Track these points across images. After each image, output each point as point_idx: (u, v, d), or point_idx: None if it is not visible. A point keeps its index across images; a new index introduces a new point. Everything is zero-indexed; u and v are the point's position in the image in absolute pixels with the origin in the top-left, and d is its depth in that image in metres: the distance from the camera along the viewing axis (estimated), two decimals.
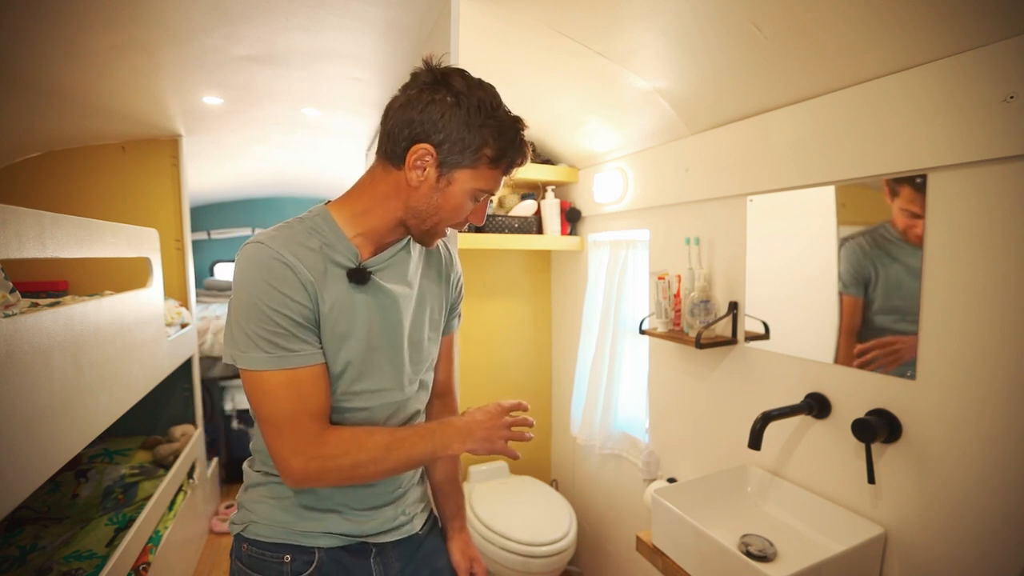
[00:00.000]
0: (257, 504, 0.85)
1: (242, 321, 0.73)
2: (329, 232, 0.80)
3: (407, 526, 0.92)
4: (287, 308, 0.73)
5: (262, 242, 0.75)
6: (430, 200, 0.79)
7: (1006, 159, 0.84)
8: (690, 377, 1.59)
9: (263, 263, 0.73)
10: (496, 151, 0.76)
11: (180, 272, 2.52)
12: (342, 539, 0.85)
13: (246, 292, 0.73)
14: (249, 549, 0.84)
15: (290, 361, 0.74)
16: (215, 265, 4.27)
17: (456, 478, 1.06)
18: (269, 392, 0.74)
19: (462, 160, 0.76)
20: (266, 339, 0.73)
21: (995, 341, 0.87)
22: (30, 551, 1.61)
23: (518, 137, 0.79)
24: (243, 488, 0.89)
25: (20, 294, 1.20)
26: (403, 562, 0.90)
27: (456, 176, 0.77)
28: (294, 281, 0.74)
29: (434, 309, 0.95)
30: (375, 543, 0.88)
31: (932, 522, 0.97)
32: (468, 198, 0.79)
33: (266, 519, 0.84)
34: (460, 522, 1.05)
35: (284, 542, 0.83)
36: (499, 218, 2.01)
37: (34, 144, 2.14)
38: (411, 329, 0.88)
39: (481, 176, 0.78)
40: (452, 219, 0.81)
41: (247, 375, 0.75)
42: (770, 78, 1.19)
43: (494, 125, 0.76)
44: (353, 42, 1.48)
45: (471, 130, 0.74)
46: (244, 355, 0.73)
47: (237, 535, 0.86)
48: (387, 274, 0.85)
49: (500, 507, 1.91)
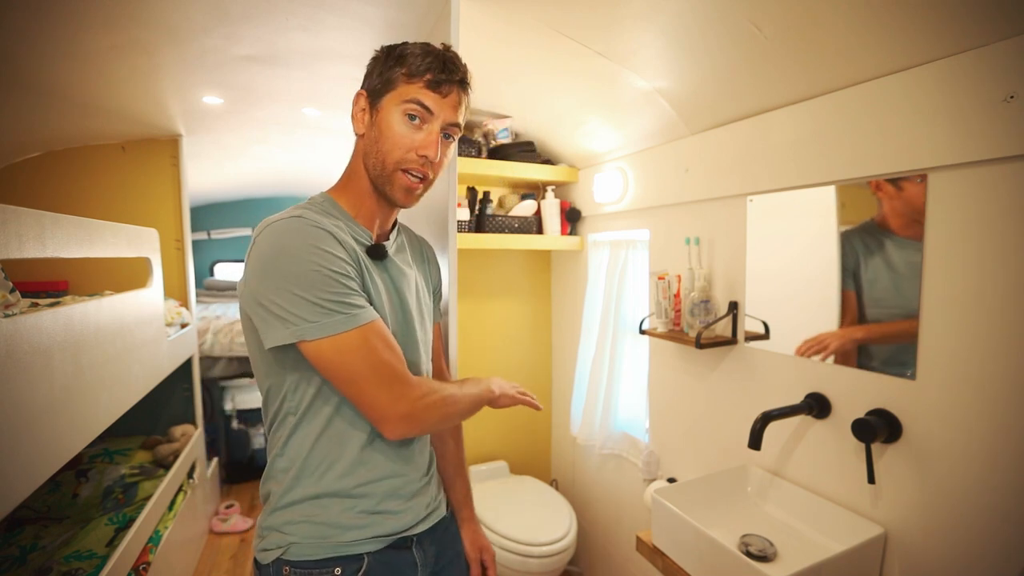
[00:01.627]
0: (295, 525, 0.81)
1: (302, 291, 0.71)
2: (339, 214, 0.84)
3: (436, 511, 0.94)
4: (343, 268, 0.75)
5: (296, 216, 0.76)
6: (372, 137, 0.82)
7: (1006, 159, 0.84)
8: (690, 377, 1.59)
9: (307, 232, 0.74)
10: (411, 68, 0.79)
11: (180, 272, 2.52)
12: (387, 540, 0.84)
13: (295, 262, 0.72)
14: (292, 572, 0.79)
15: (366, 316, 0.76)
16: (215, 265, 4.27)
17: (463, 467, 1.08)
18: (357, 350, 0.74)
19: (384, 86, 0.80)
20: (337, 301, 0.73)
21: (995, 341, 0.87)
22: (30, 551, 1.61)
23: (435, 51, 0.80)
24: (269, 511, 0.83)
25: (20, 294, 1.20)
26: (437, 546, 0.92)
27: (383, 103, 0.81)
28: (338, 245, 0.76)
29: (425, 293, 0.99)
30: (414, 534, 0.88)
31: (932, 522, 0.97)
32: (401, 119, 0.80)
33: (309, 538, 0.80)
34: (469, 511, 1.07)
35: (331, 556, 0.80)
36: (499, 218, 2.01)
37: (34, 144, 2.14)
38: (416, 310, 0.92)
39: (403, 93, 0.79)
40: (395, 149, 0.80)
41: (325, 344, 0.72)
42: (770, 78, 1.19)
43: (409, 50, 0.80)
44: (353, 42, 1.48)
45: (389, 59, 0.81)
46: (316, 324, 0.72)
47: (276, 560, 0.80)
48: (398, 257, 0.90)
49: (500, 507, 1.91)
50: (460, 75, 0.81)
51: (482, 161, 1.94)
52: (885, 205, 1.03)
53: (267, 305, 0.73)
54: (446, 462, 1.07)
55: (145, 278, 1.91)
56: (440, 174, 0.86)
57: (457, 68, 0.81)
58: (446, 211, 1.21)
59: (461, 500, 1.07)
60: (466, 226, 1.94)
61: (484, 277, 2.25)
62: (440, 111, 0.80)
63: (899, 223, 1.01)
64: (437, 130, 0.81)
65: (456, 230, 1.21)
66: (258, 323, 0.75)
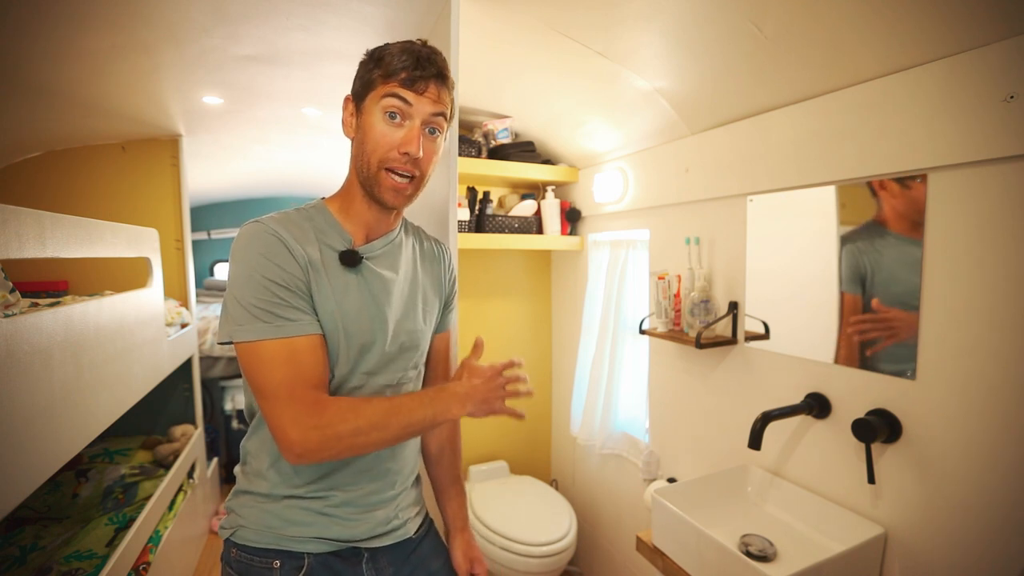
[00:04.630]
0: (246, 509, 0.85)
1: (237, 295, 0.75)
2: (322, 219, 0.85)
3: (400, 530, 0.91)
4: (280, 278, 0.75)
5: (258, 221, 0.78)
6: (358, 140, 0.83)
7: (1006, 159, 0.84)
8: (690, 377, 1.59)
9: (258, 237, 0.77)
10: (387, 68, 0.79)
11: (180, 272, 2.52)
12: (332, 544, 0.84)
13: (242, 266, 0.76)
14: (238, 554, 0.83)
15: (287, 330, 0.75)
16: (215, 265, 4.27)
17: (459, 477, 1.07)
18: (267, 362, 0.74)
19: (364, 89, 0.82)
20: (262, 308, 0.74)
21: (995, 341, 0.87)
22: (30, 551, 1.61)
23: (411, 48, 0.81)
24: (233, 493, 0.89)
25: (20, 294, 1.20)
26: (396, 567, 0.89)
27: (365, 105, 0.82)
28: (286, 254, 0.77)
29: (428, 298, 0.96)
30: (367, 548, 0.87)
31: (932, 522, 0.97)
32: (381, 119, 0.80)
33: (255, 524, 0.83)
34: (462, 521, 1.04)
35: (273, 547, 0.82)
36: (499, 218, 2.01)
37: (34, 144, 2.14)
38: (402, 316, 0.89)
39: (380, 92, 0.80)
40: (378, 149, 0.80)
41: (245, 348, 0.75)
42: (770, 78, 1.19)
43: (387, 50, 0.81)
44: (353, 42, 1.48)
45: (370, 62, 0.82)
46: (241, 328, 0.74)
47: (227, 540, 0.85)
48: (379, 261, 0.88)
49: (500, 507, 1.91)
50: (435, 69, 0.81)
51: (482, 161, 1.94)
52: (886, 205, 1.03)
53: (224, 303, 0.78)
54: (441, 471, 1.05)
55: (145, 278, 1.91)
56: (431, 171, 0.85)
57: (432, 63, 0.80)
58: (446, 211, 1.22)
59: (455, 511, 1.04)
60: (466, 226, 1.94)
61: (484, 277, 2.25)
62: (419, 106, 0.80)
63: (899, 223, 1.01)
64: (417, 126, 0.80)
65: (456, 230, 1.21)
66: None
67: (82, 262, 2.21)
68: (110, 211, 2.31)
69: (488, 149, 2.02)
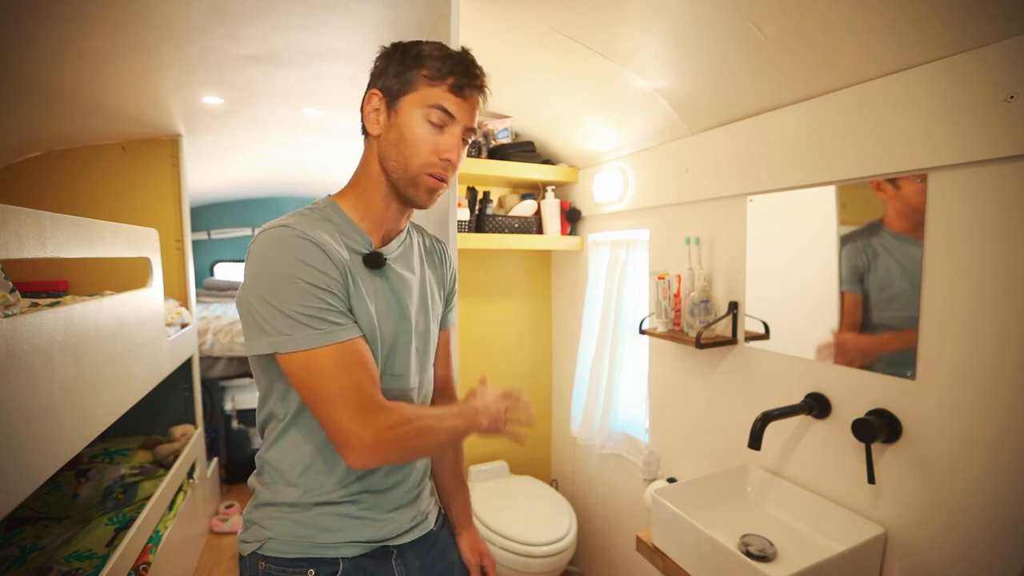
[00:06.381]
0: (272, 520, 0.82)
1: (277, 303, 0.71)
2: (340, 220, 0.82)
3: (423, 524, 0.92)
4: (324, 283, 0.73)
5: (286, 225, 0.74)
6: (391, 139, 0.80)
7: (1006, 159, 0.84)
8: (690, 377, 1.59)
9: (292, 243, 0.73)
10: (432, 70, 0.78)
11: (180, 272, 2.52)
12: (364, 546, 0.83)
13: (279, 273, 0.71)
14: (267, 567, 0.80)
15: (339, 335, 0.73)
16: (215, 265, 4.27)
17: (461, 474, 1.08)
18: (328, 368, 0.71)
19: (403, 88, 0.79)
20: (312, 316, 0.71)
21: (995, 341, 0.87)
22: (30, 551, 1.61)
23: (455, 54, 0.80)
24: (253, 505, 0.85)
25: (20, 294, 1.20)
26: (421, 559, 0.91)
27: (402, 105, 0.79)
28: (325, 258, 0.74)
29: (435, 299, 0.96)
30: (395, 545, 0.87)
31: (932, 522, 0.97)
32: (422, 122, 0.78)
33: (285, 534, 0.81)
34: (467, 518, 1.06)
35: (306, 556, 0.80)
36: (499, 218, 2.01)
37: (34, 144, 2.14)
38: (417, 318, 0.89)
39: (425, 96, 0.78)
40: (419, 153, 0.79)
41: (296, 358, 0.71)
42: (770, 78, 1.19)
43: (427, 51, 0.79)
44: (353, 42, 1.48)
45: (406, 59, 0.79)
46: (289, 337, 0.71)
47: (252, 553, 0.81)
48: (398, 262, 0.87)
49: (500, 507, 1.91)
50: (481, 81, 0.81)
51: (482, 161, 1.94)
52: (886, 205, 1.03)
53: (252, 313, 0.73)
54: (445, 470, 1.06)
55: (145, 278, 1.91)
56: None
57: (479, 74, 0.81)
58: (446, 211, 1.22)
59: (460, 508, 1.06)
60: (466, 226, 1.94)
61: (484, 277, 2.25)
62: (462, 115, 0.79)
63: (900, 223, 1.01)
64: (459, 133, 0.80)
65: (456, 230, 1.21)
66: (244, 329, 0.76)
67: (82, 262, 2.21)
68: (110, 211, 2.31)
69: (488, 149, 2.02)
